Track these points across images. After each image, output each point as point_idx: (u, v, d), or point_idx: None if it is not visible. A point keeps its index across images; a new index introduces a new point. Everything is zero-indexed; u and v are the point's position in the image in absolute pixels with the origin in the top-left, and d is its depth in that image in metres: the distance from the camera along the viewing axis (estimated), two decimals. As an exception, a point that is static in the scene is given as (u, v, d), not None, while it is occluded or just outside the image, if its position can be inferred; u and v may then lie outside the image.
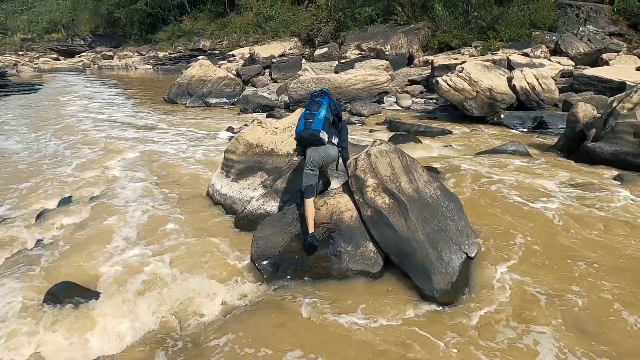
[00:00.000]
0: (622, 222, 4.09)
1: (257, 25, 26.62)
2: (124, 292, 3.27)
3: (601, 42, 13.52)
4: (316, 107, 3.35)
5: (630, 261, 3.45)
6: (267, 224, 3.56)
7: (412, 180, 3.39)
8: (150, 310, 3.10)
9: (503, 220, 4.21)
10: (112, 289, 3.32)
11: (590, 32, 13.96)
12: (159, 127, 9.97)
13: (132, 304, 3.14)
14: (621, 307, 2.91)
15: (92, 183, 5.96)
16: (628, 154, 5.74)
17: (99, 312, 3.03)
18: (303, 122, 3.34)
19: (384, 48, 16.65)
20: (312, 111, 3.34)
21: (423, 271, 2.99)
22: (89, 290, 3.25)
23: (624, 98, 5.99)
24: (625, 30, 13.93)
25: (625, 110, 5.82)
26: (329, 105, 3.41)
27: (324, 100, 3.40)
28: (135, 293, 3.25)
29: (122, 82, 22.90)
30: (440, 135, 8.15)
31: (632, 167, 5.67)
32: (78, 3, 52.84)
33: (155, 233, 4.27)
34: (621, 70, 10.57)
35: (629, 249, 3.63)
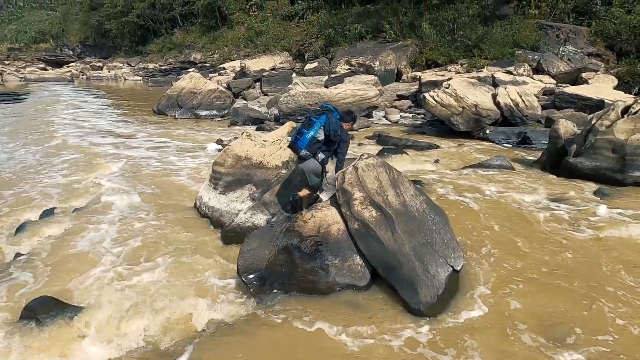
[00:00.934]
0: (600, 236, 4.20)
1: (248, 40, 26.93)
2: (106, 307, 3.18)
3: (580, 61, 14.09)
4: (308, 127, 3.70)
5: (609, 273, 3.53)
6: (255, 237, 3.54)
7: (399, 194, 3.43)
8: (134, 326, 3.01)
9: (488, 234, 4.27)
10: (93, 305, 3.22)
11: (570, 52, 14.54)
12: (147, 139, 9.89)
13: (114, 320, 3.05)
14: (614, 318, 2.96)
15: (76, 194, 5.85)
16: (607, 169, 5.93)
17: (79, 329, 2.93)
18: (294, 137, 3.79)
19: (373, 64, 16.99)
20: (304, 128, 3.71)
21: (409, 284, 3.00)
22: (69, 305, 3.15)
23: (603, 115, 6.22)
24: (603, 51, 14.56)
25: (603, 127, 6.04)
26: (323, 126, 3.68)
27: (318, 121, 3.69)
28: (118, 309, 3.16)
29: (110, 93, 22.73)
30: (427, 149, 8.29)
31: (611, 182, 5.86)
32: (68, 14, 52.71)
33: (139, 246, 4.19)
34: (599, 89, 11.00)
35: (610, 264, 3.72)
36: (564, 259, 3.76)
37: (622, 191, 5.58)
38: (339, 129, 3.74)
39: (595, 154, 6.06)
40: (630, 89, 11.86)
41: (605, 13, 15.05)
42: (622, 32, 13.93)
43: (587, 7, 15.62)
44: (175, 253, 4.04)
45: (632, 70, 12.43)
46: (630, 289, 3.31)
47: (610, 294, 3.25)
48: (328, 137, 3.70)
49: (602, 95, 10.33)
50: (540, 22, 15.81)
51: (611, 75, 12.68)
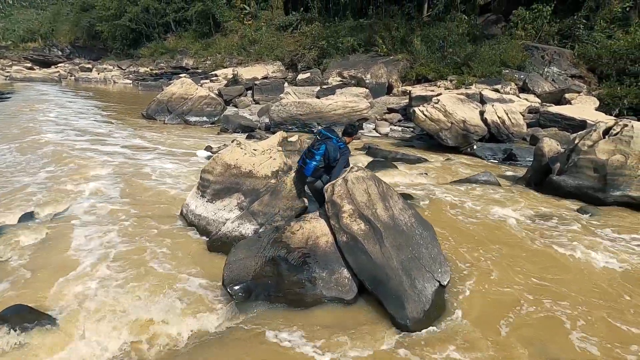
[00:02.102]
0: (581, 253, 4.29)
1: (241, 48, 27.02)
2: (84, 317, 3.07)
3: (564, 82, 14.58)
4: (311, 156, 4.16)
5: (592, 289, 3.59)
6: (241, 247, 3.49)
7: (388, 207, 3.45)
8: (113, 337, 2.91)
9: (475, 249, 4.31)
10: (71, 314, 3.11)
11: (554, 73, 15.05)
12: (135, 143, 9.73)
13: (92, 330, 2.95)
14: (585, 334, 3.00)
15: (57, 199, 5.68)
16: (589, 188, 6.09)
17: (54, 339, 2.82)
18: (300, 164, 4.29)
19: (365, 77, 17.25)
20: (307, 158, 4.18)
21: (396, 299, 2.99)
22: (44, 314, 3.03)
23: (585, 135, 6.42)
24: (585, 74, 15.13)
25: (586, 147, 6.23)
26: (323, 155, 4.12)
27: (317, 153, 4.12)
28: (97, 318, 3.06)
29: (99, 95, 22.39)
30: (416, 163, 8.39)
31: (592, 201, 6.02)
32: (59, 14, 52.06)
33: (122, 254, 4.08)
34: (582, 110, 11.38)
35: (592, 281, 3.79)
36: (548, 276, 3.82)
37: (603, 210, 5.73)
38: (337, 155, 4.13)
39: (578, 172, 6.23)
40: (611, 111, 12.31)
41: (588, 37, 15.68)
42: (603, 56, 14.51)
43: (571, 30, 16.25)
44: (158, 262, 3.95)
45: (612, 93, 12.91)
46: (604, 306, 3.37)
47: (586, 308, 3.30)
48: (328, 163, 4.15)
49: (584, 116, 10.69)
50: (526, 43, 16.36)
51: (593, 97, 13.14)
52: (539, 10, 16.60)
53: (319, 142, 4.11)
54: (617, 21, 15.63)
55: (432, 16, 20.17)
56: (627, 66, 13.71)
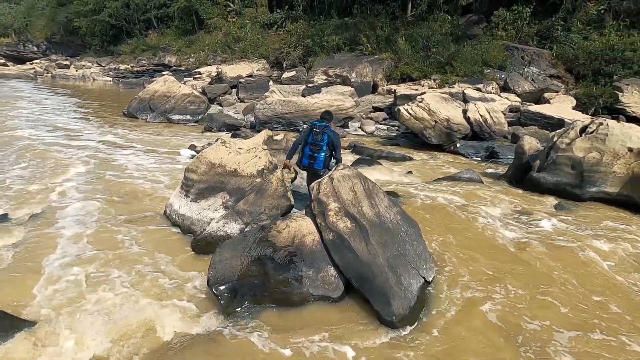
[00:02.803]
0: (558, 246, 4.42)
1: (225, 45, 26.67)
2: (63, 321, 2.97)
3: (543, 82, 15.00)
4: (317, 149, 4.28)
5: (571, 280, 3.71)
6: (227, 247, 3.44)
7: (374, 205, 3.46)
8: (94, 341, 2.83)
9: (458, 245, 4.39)
10: (49, 318, 3.01)
11: (534, 73, 15.47)
12: (115, 142, 9.49)
13: (72, 334, 2.86)
14: (562, 328, 3.10)
15: (34, 199, 5.48)
16: (567, 184, 6.29)
17: (31, 344, 2.72)
18: (307, 161, 4.37)
19: (350, 75, 17.30)
20: (314, 153, 4.30)
21: (382, 296, 3.01)
22: (21, 319, 2.92)
23: (563, 134, 6.62)
24: (563, 74, 15.60)
25: (564, 144, 6.42)
26: (328, 143, 4.32)
27: (323, 143, 4.28)
28: (77, 323, 2.97)
29: (78, 92, 21.71)
30: (401, 161, 8.47)
31: (570, 197, 6.21)
32: (33, 9, 50.12)
33: (103, 255, 3.97)
34: (560, 109, 11.74)
35: (568, 272, 3.91)
36: (529, 270, 3.92)
37: (579, 205, 5.92)
38: (338, 139, 4.41)
39: (557, 169, 6.42)
40: (587, 110, 12.74)
41: (565, 38, 16.16)
42: (579, 57, 14.98)
43: (549, 31, 16.71)
44: (141, 262, 3.86)
45: (588, 93, 13.36)
46: (580, 296, 3.49)
47: (567, 299, 3.41)
48: (332, 149, 4.39)
49: (562, 115, 11.03)
50: (507, 43, 16.74)
51: (570, 96, 13.56)
52: (519, 11, 17.01)
53: (319, 134, 4.26)
54: (593, 23, 16.17)
55: (416, 16, 20.39)
56: (602, 66, 14.20)
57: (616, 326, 3.14)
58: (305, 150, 4.39)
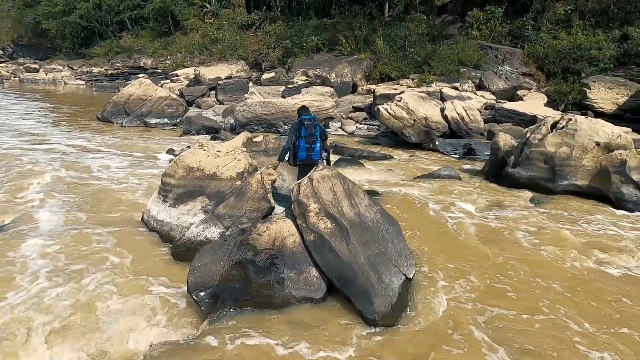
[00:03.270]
0: (533, 240, 4.58)
1: (203, 47, 26.24)
2: (36, 337, 2.85)
3: (516, 80, 15.49)
4: (313, 140, 4.49)
5: (544, 270, 3.84)
6: (207, 252, 3.39)
7: (354, 205, 3.48)
8: (69, 355, 2.72)
9: (438, 241, 4.47)
10: (21, 334, 2.87)
11: (507, 71, 15.95)
12: (89, 148, 9.18)
13: (46, 350, 2.74)
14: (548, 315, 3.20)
15: (3, 209, 5.23)
16: (540, 178, 6.51)
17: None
18: (305, 154, 4.49)
19: (329, 76, 17.36)
20: (311, 144, 4.48)
21: (364, 295, 3.03)
22: (-13, 337, 2.78)
23: (535, 130, 6.85)
24: (534, 72, 16.16)
25: (536, 140, 6.65)
26: (320, 135, 4.56)
27: (317, 134, 4.50)
28: (51, 337, 2.85)
29: (48, 97, 20.88)
30: (382, 160, 8.56)
31: (543, 190, 6.44)
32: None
33: (77, 265, 3.83)
34: (533, 106, 12.14)
35: (545, 262, 4.05)
36: (505, 266, 4.03)
37: (552, 199, 6.14)
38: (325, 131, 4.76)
39: (530, 164, 6.63)
40: (558, 106, 13.24)
41: (536, 37, 16.74)
42: (549, 55, 15.55)
43: (521, 31, 17.27)
44: (119, 272, 3.74)
45: (558, 90, 13.89)
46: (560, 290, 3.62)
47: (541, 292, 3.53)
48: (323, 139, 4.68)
49: (535, 111, 11.41)
50: (481, 43, 17.20)
51: (542, 94, 14.06)
52: (492, 11, 17.50)
53: (312, 126, 4.49)
54: (561, 23, 16.82)
55: (393, 16, 20.67)
56: (570, 64, 14.79)
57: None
58: (300, 144, 4.49)
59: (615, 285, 3.71)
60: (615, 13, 15.91)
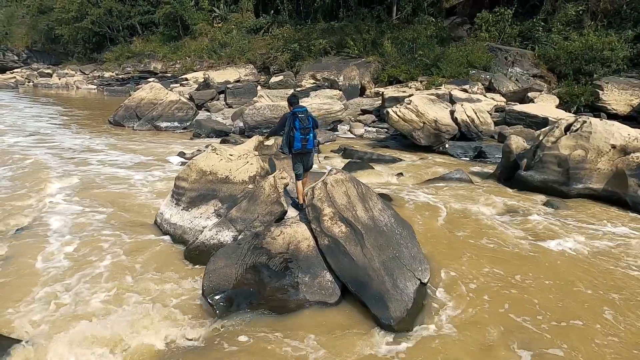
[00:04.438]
0: (550, 245, 4.50)
1: (212, 51, 26.52)
2: (53, 337, 2.88)
3: (526, 82, 15.33)
4: (307, 131, 4.59)
5: (560, 275, 3.78)
6: (221, 256, 3.40)
7: (368, 209, 3.47)
8: (87, 355, 2.75)
9: (451, 245, 4.43)
10: (40, 335, 2.91)
11: (517, 73, 15.81)
12: (102, 151, 9.31)
13: (65, 350, 2.77)
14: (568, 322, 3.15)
15: (21, 212, 5.33)
16: (554, 181, 6.41)
17: (20, 364, 2.63)
18: (300, 144, 4.57)
19: (338, 79, 17.39)
20: (305, 135, 4.57)
21: (379, 299, 3.01)
22: (7, 338, 2.83)
23: (548, 132, 6.75)
24: (545, 73, 15.98)
25: (549, 143, 6.56)
26: (313, 125, 4.69)
27: (310, 126, 4.62)
28: (68, 338, 2.88)
29: (61, 101, 21.28)
30: (391, 162, 8.53)
31: (557, 194, 6.33)
32: (13, 17, 49.03)
33: (92, 267, 3.89)
34: (544, 108, 12.00)
35: (562, 269, 3.98)
36: (520, 268, 3.97)
37: (567, 202, 6.04)
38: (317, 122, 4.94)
39: (544, 167, 6.54)
40: (570, 108, 13.06)
41: (546, 39, 16.56)
42: (560, 57, 15.36)
43: (531, 32, 17.11)
44: (133, 275, 3.78)
45: (570, 91, 13.70)
46: (577, 298, 3.55)
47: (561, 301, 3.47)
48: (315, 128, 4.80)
49: (546, 113, 11.27)
50: (490, 44, 17.07)
51: (553, 95, 13.88)
52: (501, 13, 17.38)
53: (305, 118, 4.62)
54: (572, 24, 16.62)
55: (401, 19, 20.65)
56: (582, 66, 14.59)
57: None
58: (296, 135, 4.59)
59: None
60: (628, 13, 15.66)
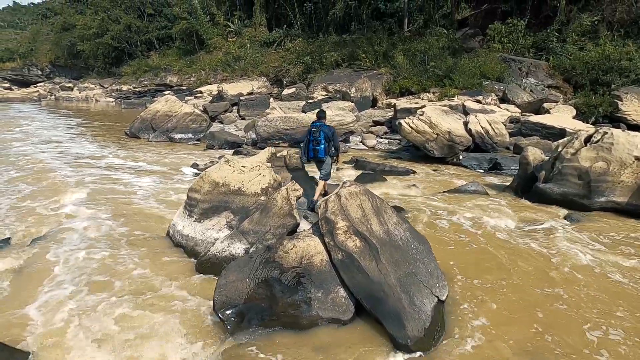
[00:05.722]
0: (574, 263, 4.30)
1: (226, 64, 27.10)
2: (61, 352, 2.85)
3: (541, 92, 15.08)
4: (317, 143, 5.42)
5: (590, 298, 3.58)
6: (232, 269, 3.35)
7: (383, 222, 3.38)
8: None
9: (468, 261, 4.28)
10: (49, 348, 2.89)
11: (532, 84, 15.58)
12: (118, 162, 9.48)
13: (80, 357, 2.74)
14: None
15: (37, 222, 5.41)
16: (575, 194, 6.19)
17: (29, 379, 2.60)
18: (312, 154, 5.50)
19: (349, 90, 17.46)
20: (315, 146, 5.43)
21: (396, 318, 2.89)
22: (17, 350, 2.81)
23: (567, 144, 6.56)
24: (561, 84, 15.71)
25: (569, 154, 6.36)
26: (325, 137, 5.44)
27: (321, 138, 5.40)
28: (76, 353, 2.85)
29: (80, 114, 21.94)
30: (404, 174, 8.42)
31: (578, 207, 6.11)
32: (38, 34, 51.40)
33: (104, 280, 3.88)
34: (561, 119, 11.74)
35: (589, 290, 3.79)
36: (542, 287, 3.80)
37: (589, 216, 5.82)
38: (333, 132, 5.56)
39: (563, 180, 6.34)
40: (587, 119, 12.75)
41: (561, 49, 16.34)
42: (576, 67, 15.10)
43: (545, 43, 16.92)
44: (144, 287, 3.75)
45: (587, 102, 13.40)
46: (610, 321, 3.36)
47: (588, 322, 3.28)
48: (329, 141, 5.53)
49: (563, 124, 11.02)
50: (503, 55, 16.93)
51: (570, 106, 13.60)
52: (514, 24, 17.28)
53: (317, 131, 5.38)
54: (587, 34, 16.37)
55: (413, 31, 20.73)
56: (599, 76, 14.30)
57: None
58: (309, 146, 5.47)
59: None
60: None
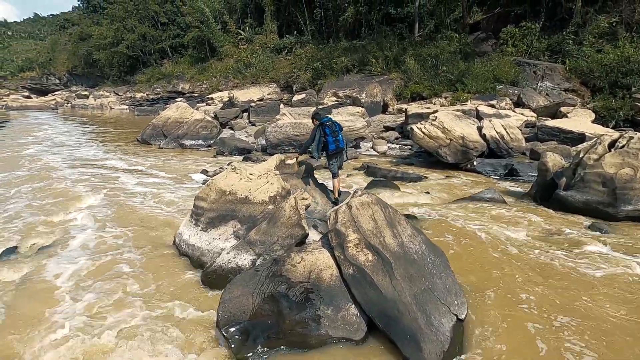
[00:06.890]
0: (600, 276, 4.01)
1: (237, 71, 27.33)
2: None
3: (558, 96, 14.63)
4: (336, 134, 5.60)
5: (612, 316, 3.30)
6: (237, 284, 3.19)
7: (396, 235, 3.18)
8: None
9: (488, 274, 4.03)
10: None
11: (548, 87, 15.15)
12: (128, 169, 9.49)
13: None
14: None
15: (44, 230, 5.38)
16: (599, 203, 5.86)
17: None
18: (334, 145, 5.60)
19: (360, 96, 17.31)
20: (336, 137, 5.60)
21: (411, 339, 2.68)
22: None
23: (590, 149, 6.24)
24: (578, 87, 15.23)
25: (592, 160, 6.05)
26: (339, 128, 5.68)
27: (338, 129, 5.63)
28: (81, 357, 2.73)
29: (95, 120, 22.33)
30: (416, 181, 8.17)
31: (603, 216, 5.77)
32: (57, 44, 53.01)
33: (108, 292, 3.76)
34: (579, 123, 11.33)
35: (612, 303, 3.50)
36: (566, 301, 3.53)
37: (616, 226, 5.48)
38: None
39: (586, 187, 6.01)
40: (607, 123, 12.29)
41: (578, 52, 15.88)
42: (594, 70, 14.64)
43: (560, 46, 16.48)
44: (147, 300, 3.63)
45: (607, 106, 12.94)
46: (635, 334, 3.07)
47: (616, 342, 3.00)
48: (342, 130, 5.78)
49: (582, 129, 10.61)
50: (517, 59, 16.55)
51: (588, 110, 13.14)
52: (528, 27, 16.91)
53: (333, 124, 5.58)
54: (605, 36, 15.89)
55: (424, 36, 20.51)
56: (618, 79, 13.82)
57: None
58: (329, 139, 5.51)
59: None
60: (668, 23, 14.83)
